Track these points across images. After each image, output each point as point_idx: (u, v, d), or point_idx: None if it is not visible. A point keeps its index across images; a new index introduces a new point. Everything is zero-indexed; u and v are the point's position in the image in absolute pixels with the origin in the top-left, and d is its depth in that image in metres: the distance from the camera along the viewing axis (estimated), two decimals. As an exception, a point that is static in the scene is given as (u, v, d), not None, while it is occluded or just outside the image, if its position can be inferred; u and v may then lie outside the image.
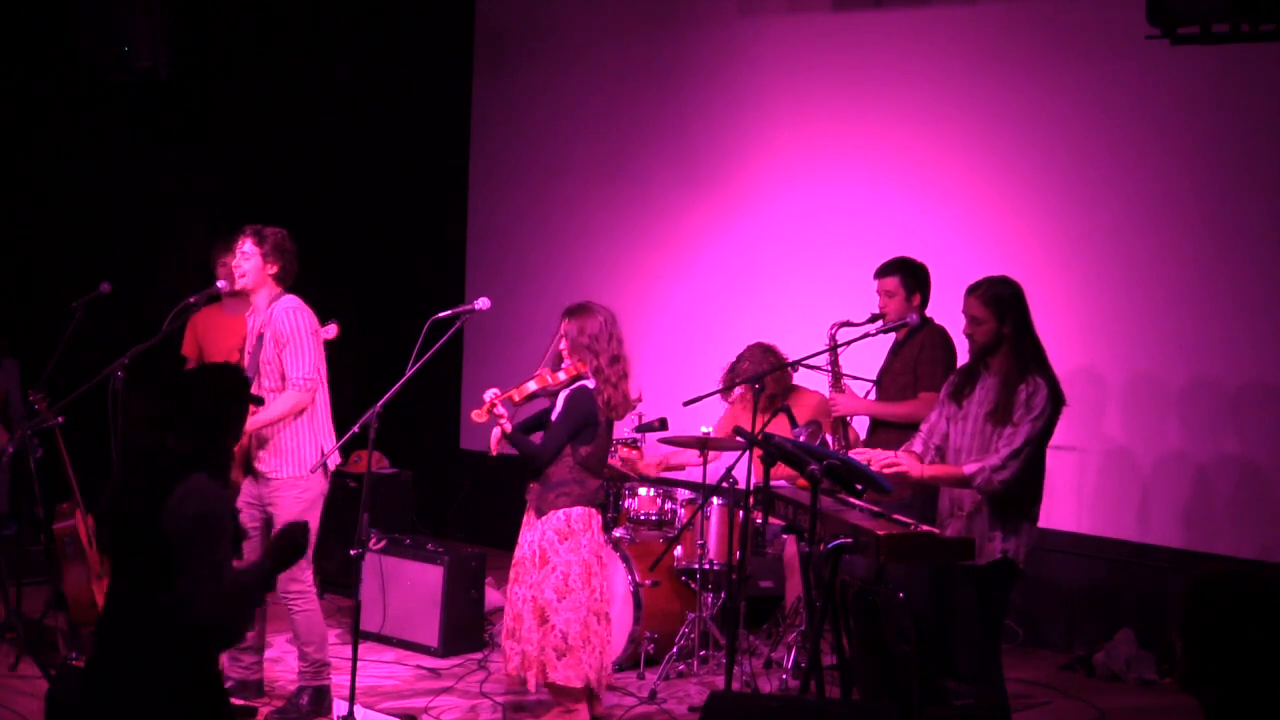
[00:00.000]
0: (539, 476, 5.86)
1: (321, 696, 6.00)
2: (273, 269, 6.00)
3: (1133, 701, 6.70)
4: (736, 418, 7.15)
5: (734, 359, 7.19)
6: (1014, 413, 5.15)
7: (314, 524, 5.84)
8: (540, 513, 5.84)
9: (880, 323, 6.40)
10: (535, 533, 5.84)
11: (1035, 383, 5.16)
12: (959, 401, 5.35)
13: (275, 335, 5.95)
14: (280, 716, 5.95)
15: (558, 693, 5.85)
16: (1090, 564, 7.41)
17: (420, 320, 6.02)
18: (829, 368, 6.57)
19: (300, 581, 5.97)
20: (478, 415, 5.92)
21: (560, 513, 5.81)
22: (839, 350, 6.50)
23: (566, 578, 5.78)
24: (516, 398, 5.89)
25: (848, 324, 6.45)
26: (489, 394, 5.88)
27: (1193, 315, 7.22)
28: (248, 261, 5.99)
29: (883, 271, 6.55)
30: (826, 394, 6.70)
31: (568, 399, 5.85)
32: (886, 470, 5.15)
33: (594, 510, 5.90)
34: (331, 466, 6.02)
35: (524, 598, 5.82)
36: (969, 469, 5.16)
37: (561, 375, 5.87)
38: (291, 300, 6.03)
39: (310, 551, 5.66)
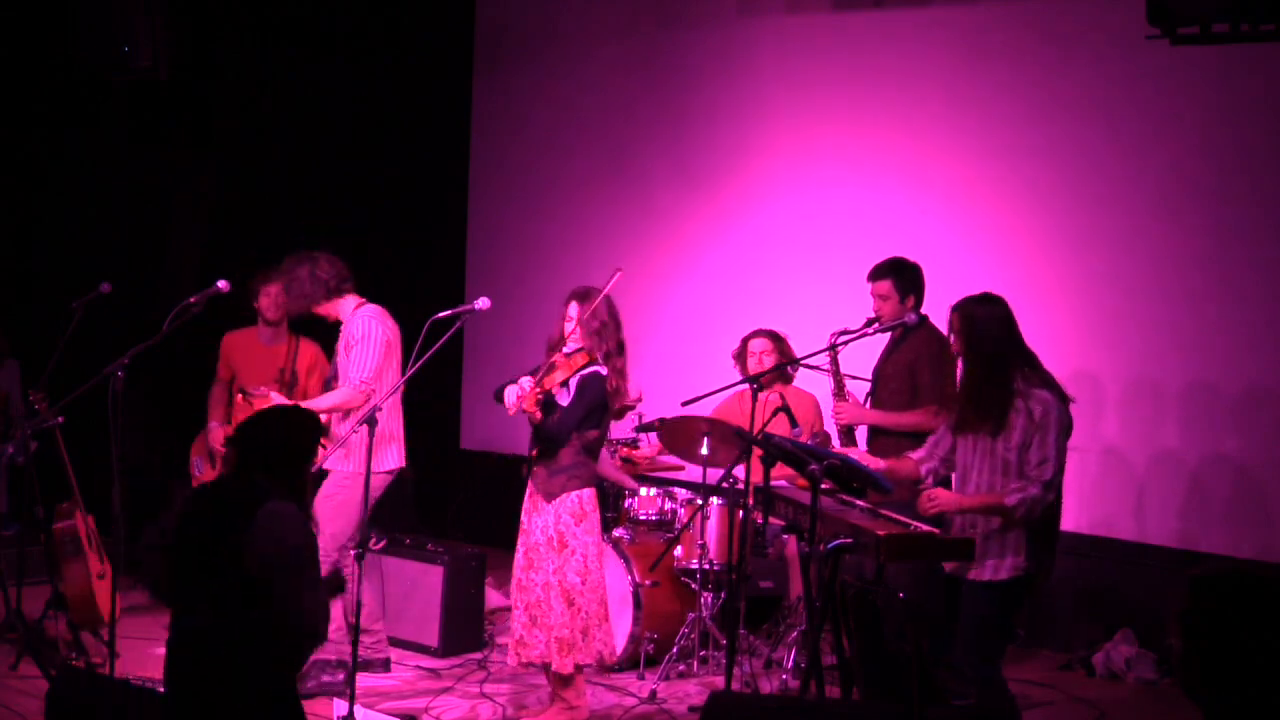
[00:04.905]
0: (546, 461, 5.85)
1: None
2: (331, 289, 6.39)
3: (1133, 701, 6.70)
4: (735, 408, 7.12)
5: (747, 348, 7.08)
6: (1014, 431, 5.12)
7: (349, 516, 6.23)
8: (550, 496, 5.83)
9: (878, 324, 6.37)
10: (548, 517, 5.83)
11: (1038, 398, 5.13)
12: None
13: (347, 339, 6.31)
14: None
15: (563, 682, 5.87)
16: (1090, 564, 7.40)
17: (420, 320, 6.02)
18: (831, 377, 6.55)
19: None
20: (528, 405, 5.70)
21: (574, 495, 5.83)
22: (840, 359, 6.47)
23: (586, 559, 5.84)
24: (549, 385, 5.86)
25: (846, 332, 6.32)
26: (527, 382, 5.75)
27: (1192, 315, 7.22)
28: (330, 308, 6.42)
29: (875, 275, 6.49)
30: (829, 401, 6.68)
31: (580, 382, 5.83)
32: (927, 507, 5.21)
33: (596, 491, 5.97)
34: (399, 464, 6.47)
35: (545, 583, 5.82)
36: (1010, 500, 5.10)
37: (579, 359, 5.84)
38: (372, 309, 6.39)
39: (356, 539, 6.19)
